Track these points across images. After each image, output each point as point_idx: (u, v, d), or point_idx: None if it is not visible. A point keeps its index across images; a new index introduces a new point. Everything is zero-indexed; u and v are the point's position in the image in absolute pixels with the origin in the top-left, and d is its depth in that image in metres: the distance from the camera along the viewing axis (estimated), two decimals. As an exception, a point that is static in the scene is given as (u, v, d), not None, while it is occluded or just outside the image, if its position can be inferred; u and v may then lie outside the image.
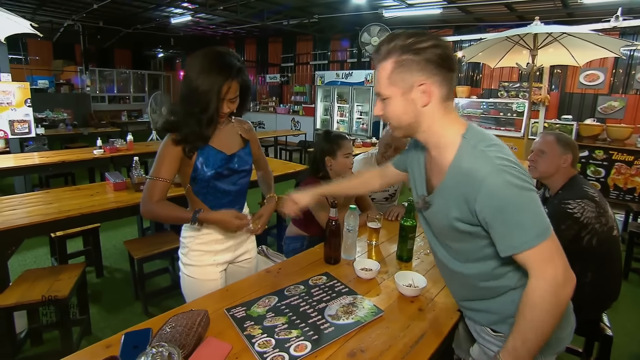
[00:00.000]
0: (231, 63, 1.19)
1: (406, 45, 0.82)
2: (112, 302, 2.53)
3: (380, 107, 0.92)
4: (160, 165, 1.22)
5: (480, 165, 0.80)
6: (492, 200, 0.79)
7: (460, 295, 1.06)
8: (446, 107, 0.87)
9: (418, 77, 0.83)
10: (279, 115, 9.89)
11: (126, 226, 3.71)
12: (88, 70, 9.83)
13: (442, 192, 0.90)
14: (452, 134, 0.88)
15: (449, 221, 0.89)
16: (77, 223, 2.20)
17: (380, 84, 0.88)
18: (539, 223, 0.79)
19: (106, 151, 3.82)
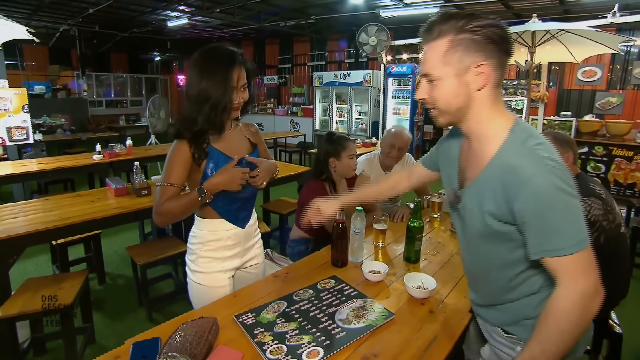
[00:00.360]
0: (232, 51, 1.20)
1: (465, 24, 0.78)
2: (116, 309, 2.51)
3: (426, 89, 0.87)
4: (170, 171, 1.20)
5: (528, 164, 0.76)
6: (535, 201, 0.75)
7: (479, 295, 1.04)
8: (496, 94, 0.84)
9: (476, 58, 0.79)
10: (277, 116, 9.87)
11: (127, 231, 3.68)
12: (85, 74, 9.80)
13: (477, 185, 0.87)
14: (499, 126, 0.84)
15: (482, 215, 0.85)
16: (78, 230, 2.18)
17: (431, 63, 0.83)
18: (578, 232, 0.75)
19: (105, 156, 3.80)
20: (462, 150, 0.97)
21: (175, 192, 1.20)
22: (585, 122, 5.48)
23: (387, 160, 2.42)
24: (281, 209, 3.28)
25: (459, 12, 0.81)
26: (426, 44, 0.85)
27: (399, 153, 2.37)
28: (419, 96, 0.90)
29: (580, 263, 0.75)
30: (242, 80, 1.22)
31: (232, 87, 1.19)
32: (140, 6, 6.87)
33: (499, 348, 1.00)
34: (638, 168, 4.95)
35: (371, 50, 6.71)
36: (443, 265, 1.54)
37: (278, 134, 7.70)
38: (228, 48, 1.21)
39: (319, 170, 2.05)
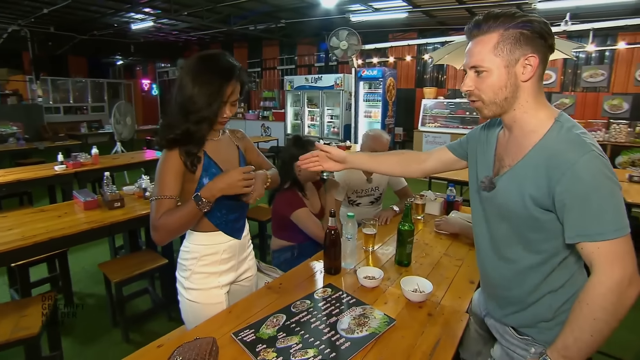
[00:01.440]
0: (232, 64, 1.15)
1: (514, 19, 0.83)
2: (87, 332, 2.33)
3: (473, 81, 0.89)
4: (163, 183, 1.12)
5: (575, 148, 0.79)
6: (579, 184, 0.77)
7: (497, 294, 1.03)
8: (540, 87, 0.88)
9: (526, 50, 0.83)
10: (248, 121, 9.71)
11: (96, 246, 3.45)
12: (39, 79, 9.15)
13: (517, 170, 0.89)
14: (545, 116, 0.87)
15: (522, 198, 0.86)
16: (44, 249, 2.00)
17: (480, 55, 0.86)
18: (619, 218, 0.76)
19: (69, 167, 3.54)
20: (499, 140, 0.99)
21: (172, 204, 1.12)
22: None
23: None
24: (260, 215, 3.21)
25: (504, 12, 0.85)
26: (474, 38, 0.88)
27: None
28: (465, 88, 0.92)
29: (618, 250, 0.76)
30: (235, 96, 1.18)
31: (223, 102, 1.14)
32: (101, 7, 6.52)
33: (511, 349, 1.01)
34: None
35: (342, 54, 6.77)
36: (434, 267, 1.56)
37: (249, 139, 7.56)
38: (229, 60, 1.17)
39: (283, 173, 2.04)
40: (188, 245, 1.27)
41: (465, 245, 1.76)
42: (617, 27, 5.23)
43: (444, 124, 6.79)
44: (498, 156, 0.98)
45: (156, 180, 1.15)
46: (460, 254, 1.68)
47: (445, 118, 6.89)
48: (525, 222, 0.89)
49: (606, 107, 6.54)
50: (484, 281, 1.11)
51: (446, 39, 5.70)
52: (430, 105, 7.05)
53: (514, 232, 0.93)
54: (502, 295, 1.02)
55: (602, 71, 6.52)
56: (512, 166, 0.90)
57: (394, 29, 7.50)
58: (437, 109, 7.01)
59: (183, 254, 1.29)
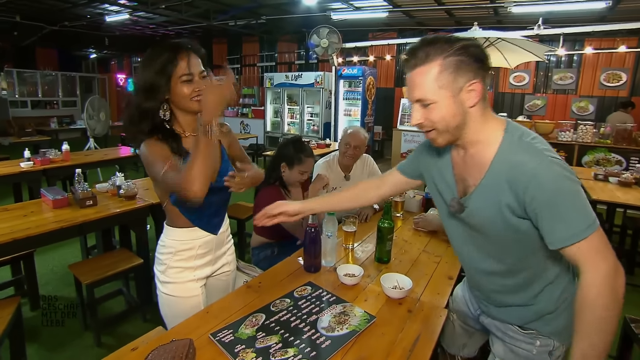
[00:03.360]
0: (180, 40, 1.13)
1: (450, 46, 0.82)
2: (55, 338, 2.21)
3: (421, 114, 0.88)
4: (158, 160, 1.06)
5: (531, 157, 0.81)
6: (544, 192, 0.79)
7: (492, 295, 1.05)
8: (484, 106, 0.88)
9: (469, 76, 0.83)
10: (227, 118, 9.54)
11: (66, 247, 3.29)
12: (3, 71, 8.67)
13: (484, 187, 0.89)
14: (494, 130, 0.88)
15: (499, 210, 0.87)
16: (7, 251, 1.90)
17: (424, 88, 0.84)
18: (588, 215, 0.79)
19: (37, 163, 3.36)
20: (454, 160, 0.99)
21: (176, 164, 1.07)
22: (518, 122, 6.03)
23: (344, 160, 2.44)
24: (239, 213, 3.16)
25: (438, 36, 0.85)
26: (413, 69, 0.86)
27: (355, 151, 2.40)
28: (414, 122, 0.90)
29: (595, 245, 0.79)
30: (199, 67, 1.13)
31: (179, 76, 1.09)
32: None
33: (516, 345, 1.02)
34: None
35: (322, 52, 6.76)
36: (413, 263, 1.58)
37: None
38: (177, 39, 1.13)
39: (271, 168, 2.06)
40: (164, 240, 1.25)
41: (443, 242, 1.79)
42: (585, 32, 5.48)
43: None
44: (458, 177, 0.99)
45: (151, 164, 1.08)
46: (439, 251, 1.71)
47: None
48: (506, 233, 0.90)
49: (574, 109, 6.84)
50: (477, 290, 1.12)
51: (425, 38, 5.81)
52: (410, 105, 7.15)
53: (498, 246, 0.95)
54: (500, 300, 1.04)
55: (571, 74, 6.81)
56: (478, 184, 0.91)
57: (375, 28, 7.56)
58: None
59: (160, 248, 1.26)
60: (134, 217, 2.34)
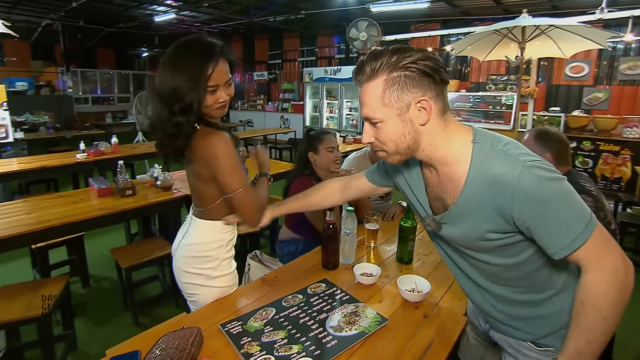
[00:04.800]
0: (212, 42, 1.08)
1: (396, 61, 0.75)
2: (100, 314, 2.42)
3: (371, 133, 0.83)
4: (239, 166, 1.13)
5: (507, 168, 0.73)
6: (531, 202, 0.72)
7: (496, 311, 0.95)
8: (444, 120, 0.80)
9: (415, 94, 0.76)
10: (267, 113, 9.76)
11: (113, 232, 3.57)
12: (69, 71, 9.53)
13: (462, 207, 0.81)
14: (460, 144, 0.80)
15: (479, 235, 0.81)
16: (59, 233, 2.09)
17: (370, 107, 0.79)
18: (583, 213, 0.72)
19: (90, 155, 3.67)
20: (427, 178, 0.91)
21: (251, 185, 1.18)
22: (574, 117, 5.53)
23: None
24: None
25: (387, 48, 0.78)
26: (361, 85, 0.81)
27: None
28: (365, 140, 0.86)
29: (598, 242, 0.72)
30: (226, 76, 1.11)
31: (208, 86, 1.07)
32: (126, 0, 6.68)
33: None
34: (624, 162, 5.01)
35: (362, 46, 6.65)
36: (437, 265, 1.51)
37: (268, 131, 7.62)
38: (208, 40, 1.09)
39: (301, 166, 2.02)
40: (212, 236, 1.24)
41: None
42: (660, 15, 4.85)
43: (467, 117, 6.58)
44: (432, 195, 0.91)
45: (231, 167, 1.10)
46: (466, 254, 1.62)
47: (467, 112, 6.67)
48: (495, 249, 0.83)
49: (645, 102, 6.13)
50: (477, 305, 1.02)
51: (470, 29, 5.49)
52: (452, 99, 6.84)
53: (492, 257, 0.86)
54: (505, 314, 0.95)
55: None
56: (455, 203, 0.83)
57: (416, 19, 7.28)
58: (459, 102, 6.80)
59: (207, 245, 1.24)
60: (170, 207, 2.47)
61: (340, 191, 1.24)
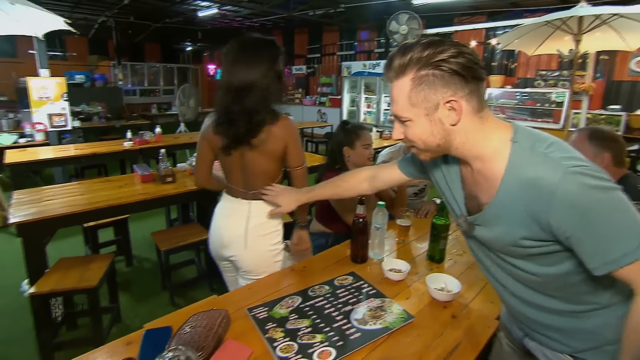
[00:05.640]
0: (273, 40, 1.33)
1: (424, 58, 0.71)
2: (141, 292, 2.59)
3: (400, 130, 0.80)
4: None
5: (547, 172, 0.67)
6: (572, 213, 0.65)
7: (529, 319, 0.90)
8: (480, 117, 0.75)
9: (443, 94, 0.71)
10: (305, 107, 9.83)
11: (155, 217, 3.79)
12: (120, 64, 10.15)
13: (496, 209, 0.77)
14: (498, 141, 0.75)
15: (512, 240, 0.76)
16: (106, 214, 2.25)
17: (398, 105, 0.76)
18: (636, 227, 0.65)
19: (135, 143, 3.91)
20: (464, 174, 0.86)
21: None
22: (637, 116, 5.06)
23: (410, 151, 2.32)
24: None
25: (418, 42, 0.73)
26: (389, 81, 0.78)
27: None
28: (394, 137, 0.84)
29: None
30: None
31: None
32: (171, -4, 6.98)
33: None
34: (694, 168, 4.52)
35: (402, 39, 6.49)
36: (470, 266, 1.45)
37: (305, 124, 7.68)
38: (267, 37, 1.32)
39: (332, 160, 2.00)
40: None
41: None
42: None
43: (511, 115, 6.24)
44: (468, 193, 0.85)
45: (300, 145, 1.40)
46: (503, 256, 1.54)
47: (512, 109, 6.33)
48: (530, 257, 0.77)
49: None
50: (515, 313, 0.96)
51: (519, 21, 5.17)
52: (497, 95, 6.51)
53: (520, 267, 0.80)
54: (538, 324, 0.88)
55: None
56: (489, 204, 0.78)
57: (460, 12, 6.97)
58: (504, 98, 6.46)
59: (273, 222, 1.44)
60: (207, 194, 2.56)
61: (369, 181, 1.22)
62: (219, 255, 1.49)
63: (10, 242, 3.32)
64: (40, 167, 4.24)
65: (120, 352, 0.92)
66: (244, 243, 1.38)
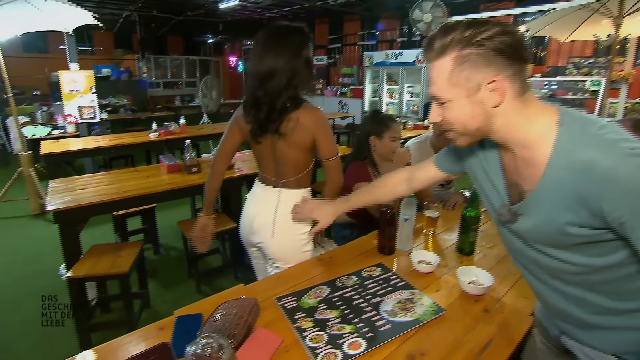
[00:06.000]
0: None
1: (467, 37, 0.68)
2: (168, 279, 2.67)
3: (438, 112, 0.77)
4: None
5: (602, 154, 0.62)
6: (630, 197, 0.61)
7: (569, 316, 0.84)
8: (524, 100, 0.71)
9: (487, 74, 0.68)
10: (326, 97, 9.77)
11: (180, 207, 3.88)
12: (144, 57, 10.36)
13: (540, 196, 0.73)
14: (542, 126, 0.70)
15: (557, 228, 0.71)
16: (135, 203, 2.32)
17: (438, 86, 0.73)
18: None
19: (161, 134, 4.00)
20: (504, 161, 0.82)
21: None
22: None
23: (439, 141, 2.25)
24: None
25: (461, 22, 0.69)
26: (430, 62, 0.74)
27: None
28: (431, 119, 0.80)
29: None
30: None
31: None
32: (193, -12, 7.03)
33: None
34: None
35: (425, 28, 6.30)
36: (500, 260, 1.40)
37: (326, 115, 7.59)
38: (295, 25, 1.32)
39: (359, 150, 1.97)
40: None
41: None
42: None
43: (540, 105, 5.98)
44: (510, 180, 0.81)
45: (332, 136, 1.36)
46: (536, 250, 1.48)
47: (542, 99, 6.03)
48: (575, 247, 0.72)
49: None
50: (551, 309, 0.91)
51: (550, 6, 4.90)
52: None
53: (564, 259, 0.75)
54: (580, 322, 0.83)
55: None
56: (532, 191, 0.73)
57: (488, -3, 6.70)
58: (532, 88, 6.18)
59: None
60: (231, 185, 2.60)
61: (407, 182, 1.19)
62: (248, 241, 1.51)
63: (48, 228, 3.49)
64: (72, 157, 4.41)
65: (153, 336, 0.94)
66: (272, 231, 1.39)
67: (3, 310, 2.31)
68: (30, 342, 1.99)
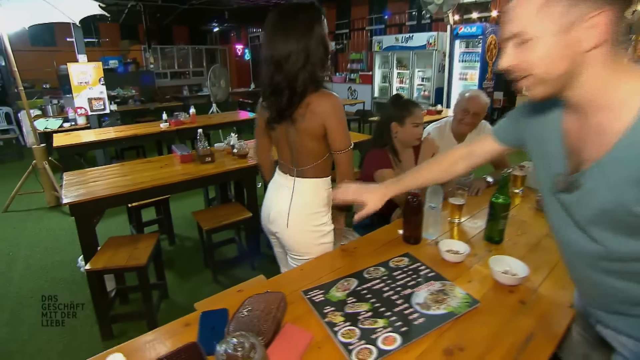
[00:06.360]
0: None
1: None
2: (185, 269, 2.67)
3: (514, 54, 0.68)
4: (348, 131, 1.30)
5: None
6: None
7: (608, 302, 0.80)
8: (617, 52, 0.62)
9: (587, 7, 0.59)
10: (334, 84, 9.62)
11: (193, 197, 3.87)
12: (150, 48, 10.29)
13: (606, 167, 0.66)
14: (630, 90, 0.62)
15: (620, 205, 0.65)
16: (149, 194, 2.29)
17: (522, 20, 0.64)
18: None
19: (171, 124, 3.97)
20: (567, 125, 0.75)
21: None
22: None
23: (459, 127, 2.17)
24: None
25: None
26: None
27: (474, 119, 2.11)
28: (504, 64, 0.69)
29: None
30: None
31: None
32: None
33: None
34: None
35: (436, 10, 6.09)
36: (531, 248, 1.34)
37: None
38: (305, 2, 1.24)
39: (379, 135, 1.90)
40: (321, 192, 1.36)
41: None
42: None
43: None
44: (570, 146, 0.73)
45: (345, 127, 1.27)
46: (569, 237, 1.41)
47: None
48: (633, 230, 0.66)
49: None
50: (587, 296, 0.87)
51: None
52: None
53: (618, 237, 0.69)
54: (624, 311, 0.78)
55: None
56: (598, 160, 0.66)
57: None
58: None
59: (319, 201, 1.35)
60: (245, 174, 2.57)
61: (464, 159, 1.11)
62: (267, 229, 1.48)
63: (64, 220, 3.52)
64: (84, 149, 4.42)
65: (179, 332, 0.91)
66: (286, 221, 1.35)
67: (25, 302, 2.34)
68: (52, 334, 2.01)
